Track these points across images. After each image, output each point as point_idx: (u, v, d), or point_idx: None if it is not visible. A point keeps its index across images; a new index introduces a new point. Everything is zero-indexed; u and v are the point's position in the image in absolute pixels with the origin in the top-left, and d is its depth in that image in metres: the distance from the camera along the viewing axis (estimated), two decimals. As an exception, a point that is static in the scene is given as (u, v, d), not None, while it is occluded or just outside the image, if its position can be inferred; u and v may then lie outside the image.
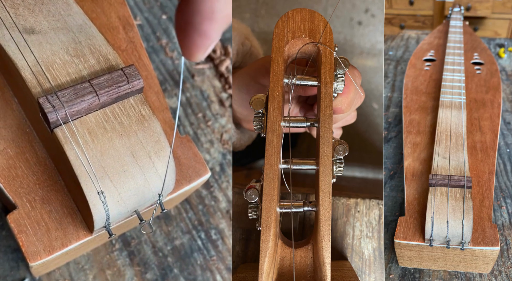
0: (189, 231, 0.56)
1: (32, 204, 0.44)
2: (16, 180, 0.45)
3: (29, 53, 0.42)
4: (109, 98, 0.41)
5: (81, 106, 0.40)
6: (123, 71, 0.41)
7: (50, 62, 0.42)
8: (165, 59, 0.61)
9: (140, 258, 0.54)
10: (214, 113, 0.62)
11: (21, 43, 0.42)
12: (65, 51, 0.43)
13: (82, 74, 0.42)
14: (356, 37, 0.78)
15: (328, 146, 0.38)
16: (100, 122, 0.41)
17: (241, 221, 0.51)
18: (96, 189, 0.39)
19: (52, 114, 0.39)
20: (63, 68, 0.42)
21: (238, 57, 0.58)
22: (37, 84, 0.41)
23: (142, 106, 0.42)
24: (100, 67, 0.43)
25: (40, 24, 0.44)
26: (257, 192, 0.38)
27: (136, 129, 0.41)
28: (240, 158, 0.63)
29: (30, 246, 0.43)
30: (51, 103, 0.39)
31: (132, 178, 0.40)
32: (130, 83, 0.41)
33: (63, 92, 0.39)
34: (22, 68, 0.41)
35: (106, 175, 0.40)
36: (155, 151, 0.41)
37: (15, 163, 0.45)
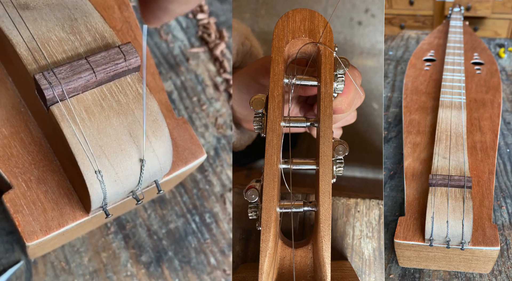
0: (183, 214, 0.57)
1: (28, 184, 0.44)
2: (11, 160, 0.44)
3: (25, 29, 0.41)
4: (106, 76, 0.40)
5: (78, 83, 0.39)
6: (120, 49, 0.41)
7: (46, 38, 0.41)
8: (159, 42, 0.61)
9: (135, 241, 0.55)
10: (208, 97, 0.62)
11: (16, 19, 0.41)
12: (60, 28, 0.42)
13: (78, 51, 0.41)
14: (356, 37, 0.78)
15: (328, 146, 0.38)
16: (97, 99, 0.40)
17: (241, 221, 0.51)
18: (93, 168, 0.39)
19: (49, 91, 0.38)
20: (59, 45, 0.41)
21: (238, 57, 0.58)
22: (33, 60, 0.40)
23: (139, 85, 0.41)
24: (96, 45, 0.42)
25: (34, 0, 0.43)
26: (257, 192, 0.38)
27: (133, 107, 0.41)
28: (240, 158, 0.63)
29: (26, 226, 0.42)
30: (48, 79, 0.38)
31: (130, 158, 0.40)
32: (127, 61, 0.40)
33: (59, 68, 0.39)
34: (17, 45, 0.40)
35: (104, 154, 0.39)
36: (153, 130, 0.41)
37: (10, 143, 0.44)
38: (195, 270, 0.55)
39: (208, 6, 0.64)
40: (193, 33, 0.63)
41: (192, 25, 0.64)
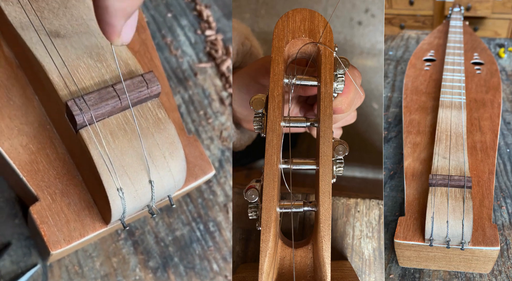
0: (189, 222, 0.59)
1: (53, 197, 0.47)
2: (38, 174, 0.47)
3: (56, 56, 0.44)
4: (130, 102, 0.43)
5: (105, 109, 0.42)
6: (143, 77, 0.44)
7: (75, 65, 0.44)
8: (169, 56, 0.63)
9: (143, 247, 0.57)
10: (214, 111, 0.64)
11: (48, 46, 0.44)
12: (88, 56, 0.45)
13: (104, 78, 0.44)
14: (356, 37, 0.78)
15: (328, 146, 0.38)
16: (121, 124, 0.43)
17: (241, 221, 0.51)
18: (115, 186, 0.42)
19: (79, 117, 0.41)
20: (87, 72, 0.44)
21: (238, 57, 0.58)
22: (64, 86, 0.43)
23: (158, 110, 0.45)
24: (120, 71, 0.45)
25: (65, 28, 0.46)
26: (257, 192, 0.38)
27: (153, 131, 0.44)
28: (240, 158, 0.63)
29: (51, 236, 0.45)
30: (79, 106, 0.41)
31: (148, 177, 0.43)
32: (149, 88, 0.44)
33: (89, 95, 0.42)
34: (50, 71, 0.43)
35: (125, 174, 0.42)
36: (170, 152, 0.44)
37: (37, 158, 0.47)
38: (198, 275, 0.58)
39: (215, 23, 0.67)
40: (201, 48, 0.66)
41: (200, 41, 0.66)
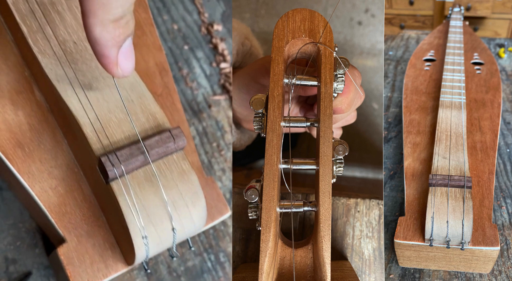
0: (200, 253, 0.60)
1: (79, 239, 0.49)
2: (65, 216, 0.48)
3: (90, 110, 0.45)
4: (157, 156, 0.45)
5: (134, 164, 0.44)
6: (171, 133, 0.46)
7: (107, 119, 0.45)
8: (185, 88, 0.63)
9: (156, 277, 0.58)
10: (227, 143, 0.65)
11: (82, 99, 0.45)
12: (120, 110, 0.46)
13: (133, 131, 0.46)
14: (356, 37, 0.78)
15: (328, 146, 0.38)
16: (148, 176, 0.45)
17: (241, 221, 0.51)
18: (141, 234, 0.44)
19: (112, 172, 0.43)
20: (118, 126, 0.45)
21: (238, 57, 0.58)
22: (97, 140, 0.44)
23: (183, 162, 0.46)
24: (149, 125, 0.47)
25: (97, 80, 0.46)
26: (257, 192, 0.38)
27: (177, 182, 0.46)
28: (240, 158, 0.63)
29: (76, 277, 0.47)
30: (111, 161, 0.43)
31: (171, 225, 0.45)
32: (176, 144, 0.46)
33: (121, 152, 0.44)
34: (84, 125, 0.44)
35: (151, 223, 0.44)
36: (192, 201, 0.46)
37: (65, 200, 0.49)
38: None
39: (230, 56, 0.67)
40: (215, 81, 0.66)
41: (215, 73, 0.67)
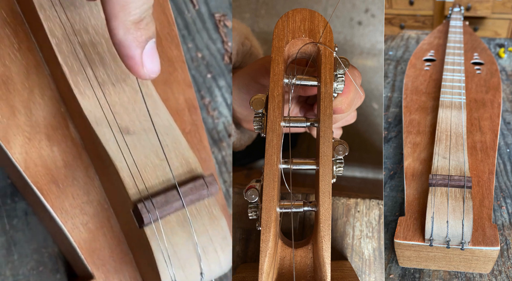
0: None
1: (106, 274, 0.49)
2: (95, 253, 0.49)
3: (128, 155, 0.45)
4: (190, 202, 0.46)
5: (169, 210, 0.45)
6: (204, 180, 0.46)
7: (144, 164, 0.46)
8: (206, 117, 0.63)
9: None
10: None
11: (120, 143, 0.46)
12: (155, 155, 0.46)
13: (168, 176, 0.46)
14: (356, 37, 0.78)
15: (328, 146, 0.38)
16: (180, 221, 0.46)
17: (241, 221, 0.51)
18: (170, 277, 0.45)
19: (147, 218, 0.43)
20: (153, 171, 0.46)
21: (238, 57, 0.58)
22: (133, 185, 0.45)
23: (214, 207, 0.47)
24: (182, 170, 0.47)
25: (134, 124, 0.47)
26: (257, 192, 0.38)
27: (208, 227, 0.46)
28: (240, 158, 0.63)
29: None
30: (147, 208, 0.44)
31: (200, 269, 0.46)
32: (209, 191, 0.46)
33: (156, 199, 0.44)
34: (121, 170, 0.45)
35: (180, 266, 0.45)
36: (221, 246, 0.47)
37: (95, 237, 0.49)
38: None
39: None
40: None
41: None
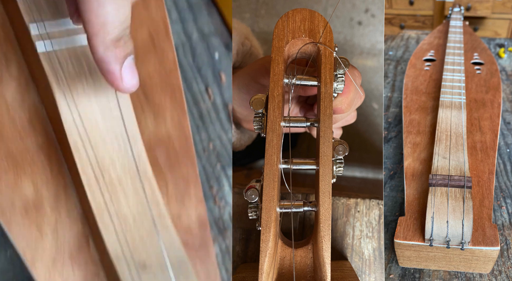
0: None
1: None
2: None
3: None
4: None
5: None
6: None
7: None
8: (213, 207, 0.63)
9: None
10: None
11: (136, 280, 0.46)
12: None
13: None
14: (356, 37, 0.78)
15: (328, 146, 0.38)
16: None
17: (241, 221, 0.51)
18: None
19: None
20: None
21: (238, 57, 0.58)
22: None
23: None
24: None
25: (150, 258, 0.46)
26: (257, 192, 0.38)
27: None
28: (240, 158, 0.63)
29: None
30: None
31: None
32: None
33: None
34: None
35: None
36: None
37: None
38: None
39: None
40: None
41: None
